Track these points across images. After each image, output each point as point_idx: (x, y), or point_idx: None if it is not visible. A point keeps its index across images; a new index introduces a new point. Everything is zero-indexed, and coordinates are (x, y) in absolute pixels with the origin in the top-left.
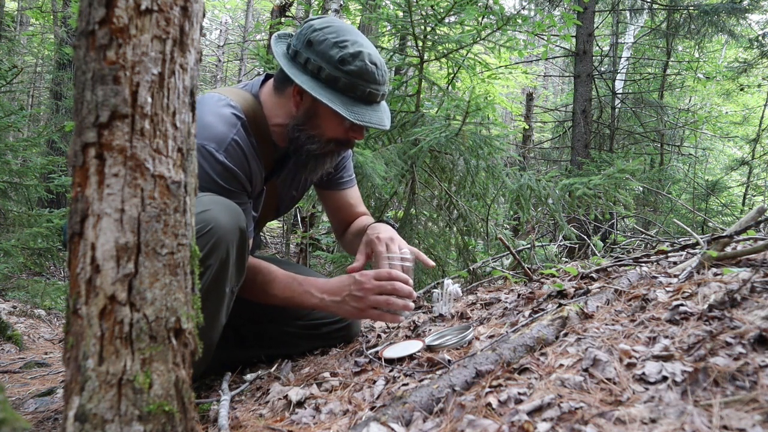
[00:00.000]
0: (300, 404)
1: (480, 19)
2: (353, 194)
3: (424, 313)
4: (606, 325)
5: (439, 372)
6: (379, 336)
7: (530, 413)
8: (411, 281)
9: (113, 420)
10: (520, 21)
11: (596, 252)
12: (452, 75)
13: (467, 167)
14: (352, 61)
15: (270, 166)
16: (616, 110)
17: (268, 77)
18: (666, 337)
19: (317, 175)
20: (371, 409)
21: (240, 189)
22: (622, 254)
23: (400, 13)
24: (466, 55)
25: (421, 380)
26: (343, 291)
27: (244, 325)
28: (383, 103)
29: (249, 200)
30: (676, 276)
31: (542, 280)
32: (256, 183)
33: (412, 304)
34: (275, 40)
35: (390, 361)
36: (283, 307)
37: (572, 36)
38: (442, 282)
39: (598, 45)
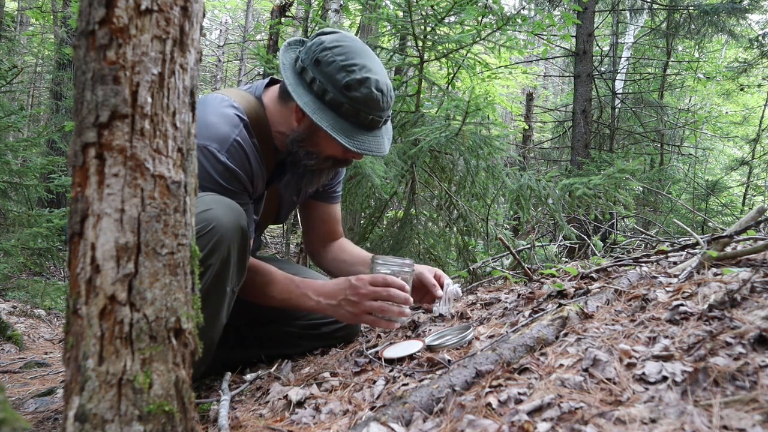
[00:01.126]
0: (300, 404)
1: (480, 19)
2: (338, 209)
3: (424, 313)
4: (606, 325)
5: (439, 372)
6: (379, 336)
7: (530, 413)
8: (408, 287)
9: (113, 420)
10: (520, 21)
11: (596, 252)
12: (452, 75)
13: (467, 167)
14: (357, 88)
15: (272, 169)
16: (616, 110)
17: (272, 81)
18: (666, 337)
19: (314, 187)
20: (371, 409)
21: (241, 189)
22: (622, 254)
23: (400, 13)
24: (466, 55)
25: (421, 380)
26: (339, 295)
27: (244, 325)
28: (386, 124)
29: (250, 201)
30: (676, 276)
31: (542, 280)
32: (257, 184)
33: (408, 311)
34: (285, 49)
35: (390, 361)
36: (283, 308)
37: (572, 36)
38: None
39: (598, 45)
